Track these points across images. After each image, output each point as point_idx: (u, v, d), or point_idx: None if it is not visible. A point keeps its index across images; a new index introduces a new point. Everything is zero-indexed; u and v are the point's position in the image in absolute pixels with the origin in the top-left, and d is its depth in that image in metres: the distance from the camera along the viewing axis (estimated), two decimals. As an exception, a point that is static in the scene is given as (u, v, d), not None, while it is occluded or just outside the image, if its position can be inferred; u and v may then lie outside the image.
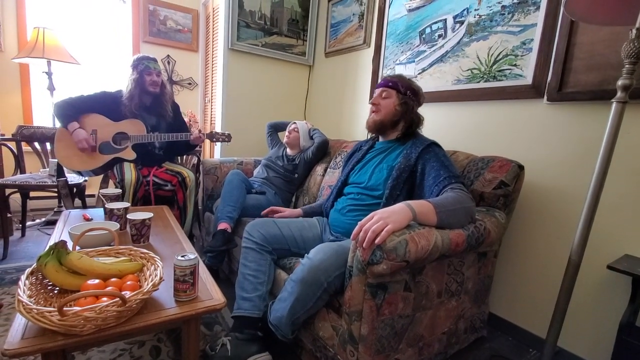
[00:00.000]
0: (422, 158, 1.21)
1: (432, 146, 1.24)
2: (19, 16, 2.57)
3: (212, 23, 3.00)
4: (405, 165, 1.22)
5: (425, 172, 1.18)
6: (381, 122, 1.34)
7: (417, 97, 1.35)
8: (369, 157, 1.40)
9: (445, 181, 1.10)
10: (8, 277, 1.71)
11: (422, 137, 1.33)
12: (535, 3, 1.37)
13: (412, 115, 1.32)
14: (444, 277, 1.10)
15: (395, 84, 1.33)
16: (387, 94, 1.33)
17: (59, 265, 0.81)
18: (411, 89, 1.33)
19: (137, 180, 1.83)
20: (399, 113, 1.31)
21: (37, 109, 2.74)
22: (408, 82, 1.35)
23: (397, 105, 1.31)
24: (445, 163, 1.17)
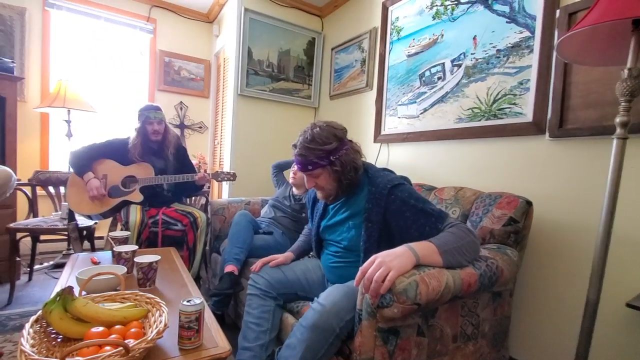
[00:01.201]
0: (389, 212, 1.07)
1: (394, 192, 1.08)
2: (42, 69, 2.77)
3: (222, 71, 3.18)
4: (372, 224, 1.10)
5: (402, 225, 1.05)
6: (331, 196, 1.20)
7: (340, 147, 1.13)
8: (331, 210, 1.28)
9: (433, 230, 1.01)
10: (11, 323, 1.68)
11: (376, 178, 1.14)
12: (528, 47, 1.44)
13: (350, 170, 1.14)
14: (459, 319, 1.06)
15: (313, 164, 1.13)
16: (316, 173, 1.15)
17: (64, 313, 0.80)
18: (330, 151, 1.12)
19: (141, 221, 1.85)
20: (337, 180, 1.15)
21: (54, 154, 2.85)
22: (321, 148, 1.11)
23: (330, 177, 1.15)
24: (419, 206, 1.04)
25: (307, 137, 1.14)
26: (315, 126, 1.16)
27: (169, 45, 3.26)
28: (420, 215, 1.03)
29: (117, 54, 3.11)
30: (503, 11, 1.54)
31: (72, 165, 1.93)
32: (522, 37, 1.46)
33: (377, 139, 2.26)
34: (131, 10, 3.06)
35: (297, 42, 2.85)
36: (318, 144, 1.12)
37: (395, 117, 2.14)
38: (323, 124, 1.16)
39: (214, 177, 2.04)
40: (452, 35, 1.78)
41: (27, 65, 2.68)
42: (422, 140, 1.95)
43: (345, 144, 1.16)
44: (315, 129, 1.14)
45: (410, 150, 2.06)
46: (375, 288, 0.83)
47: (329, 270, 1.28)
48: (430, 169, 1.92)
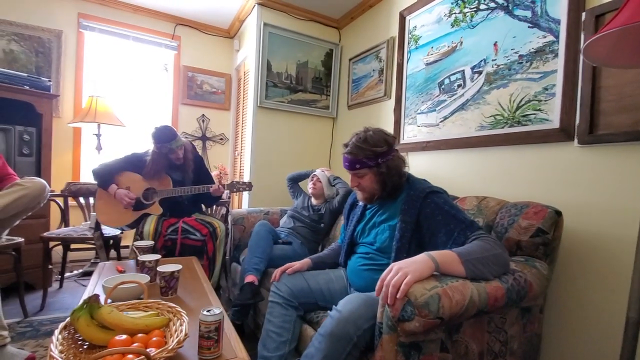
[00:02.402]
0: (423, 214, 1.11)
1: (430, 196, 1.13)
2: (76, 86, 2.94)
3: (243, 84, 3.26)
4: (406, 224, 1.13)
5: (433, 229, 1.08)
6: (371, 197, 1.25)
7: (389, 152, 1.20)
8: (368, 214, 1.33)
9: (462, 235, 1.01)
10: (43, 328, 1.75)
11: (416, 184, 1.21)
12: (553, 51, 1.39)
13: (394, 175, 1.20)
14: (485, 335, 1.01)
15: (361, 163, 1.19)
16: (361, 173, 1.21)
17: (91, 320, 0.82)
18: (380, 154, 1.18)
19: (155, 231, 1.89)
20: (381, 183, 1.21)
21: (85, 166, 2.99)
22: (372, 149, 1.18)
23: (375, 178, 1.20)
24: (452, 212, 1.07)
25: (360, 137, 1.21)
26: (368, 130, 1.23)
27: (192, 60, 3.38)
28: (451, 221, 1.05)
29: (143, 70, 3.26)
30: (525, 16, 1.51)
31: (96, 179, 2.01)
32: (545, 42, 1.42)
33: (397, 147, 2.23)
34: (157, 29, 3.21)
35: (315, 54, 2.89)
36: (369, 145, 1.18)
37: (414, 126, 2.12)
38: (376, 129, 1.24)
39: (229, 187, 2.03)
40: (472, 42, 1.75)
41: (62, 83, 2.85)
42: (443, 148, 1.91)
43: (393, 150, 1.23)
44: (368, 132, 1.21)
45: (430, 159, 2.02)
46: (392, 293, 0.82)
47: (356, 273, 1.27)
48: (451, 177, 1.87)
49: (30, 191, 1.60)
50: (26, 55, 2.73)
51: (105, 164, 2.04)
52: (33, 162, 2.32)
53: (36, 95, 2.29)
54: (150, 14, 3.15)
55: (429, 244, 1.09)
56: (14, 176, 1.79)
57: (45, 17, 2.78)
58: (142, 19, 3.14)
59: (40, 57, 2.77)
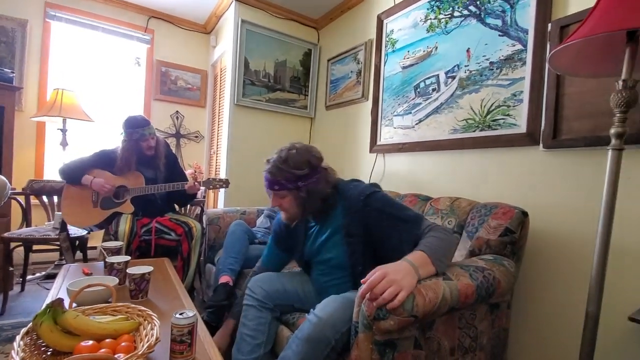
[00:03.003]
0: (368, 224, 1.09)
1: (368, 202, 1.09)
2: (41, 78, 2.77)
3: (219, 81, 3.20)
4: (353, 237, 1.11)
5: (383, 235, 1.07)
6: (296, 218, 1.20)
7: (311, 175, 1.13)
8: (311, 235, 1.26)
9: (411, 234, 1.03)
10: (4, 334, 1.65)
11: (348, 192, 1.15)
12: (521, 59, 1.46)
13: (317, 195, 1.14)
14: (456, 332, 1.04)
15: (280, 185, 1.13)
16: (282, 194, 1.15)
17: (54, 325, 0.78)
18: (300, 177, 1.12)
19: (130, 231, 1.82)
20: (303, 204, 1.15)
21: (48, 163, 2.83)
22: (291, 171, 1.11)
23: (296, 200, 1.14)
24: (396, 214, 1.07)
25: (281, 157, 1.14)
26: (292, 147, 1.16)
27: (166, 55, 3.28)
28: (398, 223, 1.06)
29: (114, 63, 3.13)
30: (495, 25, 1.57)
31: (65, 177, 1.90)
32: (514, 50, 1.49)
33: (373, 149, 2.27)
34: (129, 21, 3.09)
35: (293, 53, 2.88)
36: (289, 166, 1.12)
37: (390, 128, 2.15)
38: (301, 148, 1.16)
39: (205, 184, 1.97)
40: (446, 48, 1.80)
41: (25, 74, 2.69)
42: (418, 150, 1.96)
43: (317, 172, 1.15)
44: (291, 151, 1.14)
45: (406, 161, 2.07)
46: (380, 303, 0.81)
47: (322, 290, 1.24)
48: (426, 179, 1.92)
49: (-12, 189, 1.50)
50: (-15, 44, 2.55)
51: (72, 162, 1.93)
52: (-9, 158, 2.17)
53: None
54: (122, 5, 3.03)
55: (381, 249, 1.08)
56: (-31, 173, 1.67)
57: (8, 5, 2.61)
58: (113, 10, 3.01)
59: (2, 47, 2.59)
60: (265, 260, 1.43)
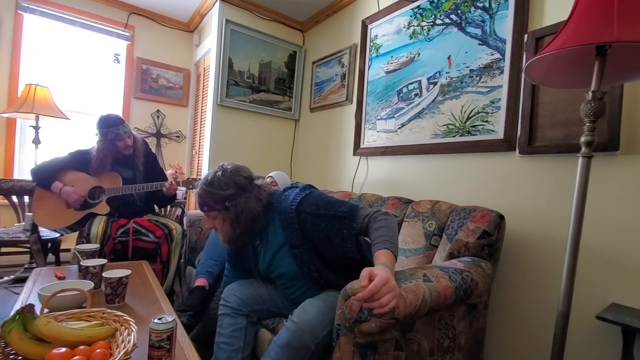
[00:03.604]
0: (307, 231, 1.09)
1: (300, 210, 1.10)
2: (12, 73, 2.65)
3: (202, 81, 3.15)
4: (297, 248, 1.11)
5: (322, 237, 1.08)
6: (232, 239, 1.18)
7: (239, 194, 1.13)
8: (260, 253, 1.25)
9: (350, 229, 1.04)
10: (-37, 345, 1.55)
11: (282, 204, 1.16)
12: (499, 68, 1.51)
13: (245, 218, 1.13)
14: (435, 332, 1.07)
15: (209, 207, 1.13)
16: (213, 215, 1.15)
17: (24, 332, 0.74)
18: (226, 198, 1.11)
19: (103, 233, 1.75)
20: (234, 224, 1.14)
21: (19, 161, 2.70)
22: (218, 194, 1.11)
23: (227, 221, 1.14)
24: (330, 213, 1.07)
25: (207, 179, 1.14)
26: (220, 169, 1.16)
27: (147, 52, 3.20)
28: (334, 222, 1.06)
29: (92, 59, 3.02)
30: (475, 34, 1.62)
31: (36, 179, 1.81)
32: (493, 59, 1.54)
33: (357, 152, 2.29)
34: (108, 17, 3.00)
35: (279, 55, 2.87)
36: (215, 188, 1.11)
37: (374, 131, 2.18)
38: (229, 169, 1.15)
39: (185, 184, 1.91)
40: (428, 55, 1.84)
41: (-7, 68, 2.56)
42: (400, 154, 1.99)
43: (246, 192, 1.14)
44: (218, 172, 1.14)
45: (388, 164, 2.10)
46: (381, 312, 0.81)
47: (293, 300, 1.22)
48: (408, 182, 1.96)
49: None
50: (-51, 35, 2.41)
51: (45, 163, 1.85)
52: (-45, 155, 2.06)
53: (-39, 80, 2.03)
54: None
55: (328, 250, 1.09)
56: None
57: (-26, -6, 2.48)
58: (91, 4, 2.91)
59: (-33, 38, 2.46)
60: (225, 284, 1.38)
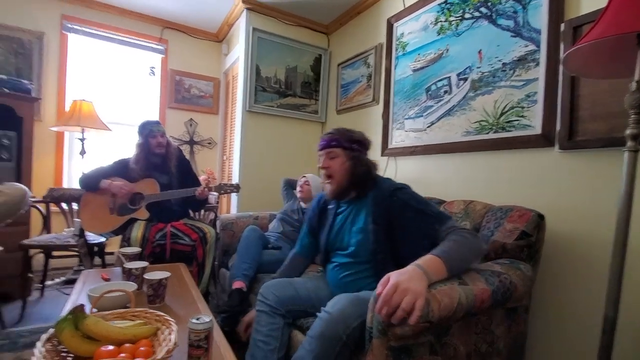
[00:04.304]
0: (391, 213, 1.13)
1: (396, 193, 1.15)
2: (59, 89, 2.87)
3: (231, 89, 3.25)
4: (378, 226, 1.14)
5: (403, 226, 1.10)
6: (339, 188, 1.25)
7: (363, 144, 1.28)
8: (339, 220, 1.31)
9: (432, 229, 1.04)
10: (22, 340, 1.69)
11: (382, 183, 1.24)
12: (534, 60, 1.44)
13: (363, 167, 1.24)
14: (472, 337, 1.03)
15: (338, 141, 1.25)
16: (333, 154, 1.25)
17: (75, 331, 0.80)
18: (354, 141, 1.26)
19: (142, 237, 1.85)
20: (350, 170, 1.23)
21: (67, 171, 2.92)
22: (349, 134, 1.27)
23: (345, 162, 1.23)
24: (419, 207, 1.10)
25: (341, 127, 1.32)
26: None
27: (179, 64, 3.35)
28: (421, 216, 1.08)
29: (130, 73, 3.21)
30: (507, 25, 1.56)
31: (84, 186, 1.95)
32: (527, 51, 1.47)
33: (385, 152, 2.26)
34: (144, 32, 3.17)
35: (304, 59, 2.90)
36: (349, 132, 1.28)
37: (402, 131, 2.15)
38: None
39: (217, 189, 2.01)
40: (457, 50, 1.79)
41: (43, 86, 2.78)
42: (430, 153, 1.95)
43: (366, 148, 1.30)
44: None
45: (418, 164, 2.05)
46: (400, 317, 0.79)
47: (338, 286, 1.26)
48: (439, 182, 1.91)
49: (10, 198, 1.55)
50: (4, 57, 2.64)
51: (91, 171, 1.99)
52: (13, 167, 2.25)
53: (16, 98, 2.23)
54: (136, 16, 3.11)
55: (402, 241, 1.11)
56: (-6, 182, 1.73)
57: (25, 18, 2.71)
58: (128, 22, 3.10)
59: (20, 59, 2.69)
60: (299, 247, 1.51)
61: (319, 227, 1.40)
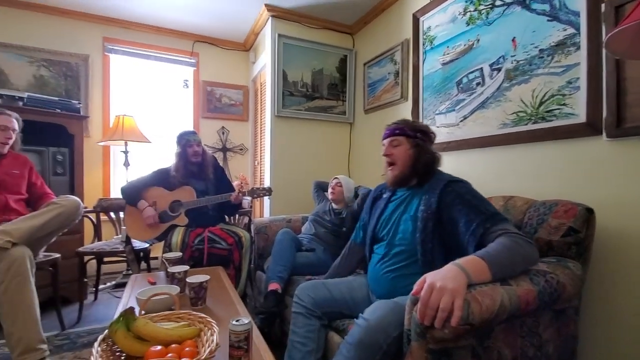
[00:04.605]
0: (443, 202, 1.11)
1: (451, 184, 1.14)
2: (103, 106, 3.09)
3: (260, 95, 3.33)
4: (427, 214, 1.12)
5: (454, 218, 1.08)
6: (401, 175, 1.26)
7: (427, 135, 1.29)
8: (391, 207, 1.32)
9: (481, 227, 1.00)
10: (80, 340, 1.83)
11: (440, 175, 1.23)
12: (574, 44, 1.35)
13: (427, 156, 1.25)
14: (518, 340, 0.98)
15: (402, 130, 1.27)
16: (396, 142, 1.27)
17: (127, 332, 0.86)
18: (419, 130, 1.28)
19: (182, 242, 1.95)
20: (413, 157, 1.24)
21: (114, 182, 3.13)
22: (414, 124, 1.30)
23: (409, 150, 1.25)
24: (473, 202, 1.06)
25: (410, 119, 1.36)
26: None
27: (210, 75, 3.49)
28: (472, 211, 1.04)
29: (165, 87, 3.39)
30: (543, 10, 1.47)
31: (125, 198, 2.10)
32: (566, 35, 1.38)
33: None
34: (177, 47, 3.33)
35: (330, 61, 2.91)
36: (413, 121, 1.32)
37: (433, 127, 2.05)
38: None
39: (249, 194, 2.08)
40: (489, 39, 1.72)
41: (90, 104, 3.01)
42: (464, 148, 1.88)
43: (430, 140, 1.30)
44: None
45: (452, 160, 1.98)
46: (442, 318, 0.77)
47: (377, 280, 1.25)
48: (474, 177, 1.81)
49: (66, 209, 1.69)
50: (55, 80, 2.89)
51: (133, 182, 2.14)
52: (67, 180, 2.45)
53: (67, 117, 2.42)
54: (170, 33, 3.28)
55: (450, 235, 1.09)
56: (51, 195, 1.90)
57: (72, 43, 2.95)
58: (162, 39, 3.27)
59: (69, 81, 2.93)
60: (354, 236, 1.55)
61: (369, 218, 1.42)
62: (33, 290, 1.48)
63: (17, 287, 1.42)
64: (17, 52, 2.76)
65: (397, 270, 1.19)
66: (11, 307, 1.40)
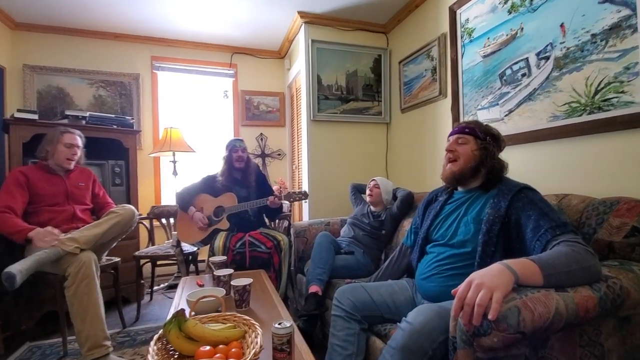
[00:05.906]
0: (514, 207, 1.06)
1: (525, 191, 1.09)
2: (153, 120, 3.32)
3: (295, 100, 3.39)
4: (495, 217, 1.08)
5: (522, 224, 1.03)
6: (460, 172, 1.22)
7: (497, 141, 1.23)
8: (448, 209, 1.28)
9: (548, 234, 0.95)
10: (139, 338, 1.98)
11: (511, 181, 1.18)
12: (630, 26, 1.22)
13: (494, 161, 1.19)
14: (577, 350, 0.90)
15: (472, 130, 1.23)
16: (463, 140, 1.23)
17: (179, 332, 0.92)
18: (490, 134, 1.23)
19: (224, 246, 2.03)
20: (478, 159, 1.19)
21: (164, 190, 3.36)
22: (486, 127, 1.25)
23: (475, 150, 1.20)
24: (545, 210, 1.01)
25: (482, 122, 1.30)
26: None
27: (247, 84, 3.62)
28: (542, 218, 0.99)
29: (207, 98, 3.58)
30: (594, -10, 1.35)
31: (178, 203, 2.27)
32: (621, 17, 1.25)
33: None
34: (216, 60, 3.50)
35: (363, 62, 2.90)
36: (486, 125, 1.27)
37: (475, 123, 1.99)
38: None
39: (286, 198, 2.12)
40: (534, 27, 1.61)
41: (141, 119, 3.26)
42: (510, 144, 1.76)
43: (499, 147, 1.24)
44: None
45: (496, 157, 1.88)
46: (478, 313, 0.74)
47: (426, 278, 1.21)
48: (524, 175, 1.70)
49: (123, 217, 1.85)
50: (112, 98, 3.17)
51: (185, 189, 2.30)
52: (124, 190, 2.67)
53: (123, 132, 2.64)
54: (209, 47, 3.46)
55: (516, 240, 1.04)
56: (112, 204, 2.09)
57: (125, 64, 3.22)
58: (203, 53, 3.46)
59: (123, 99, 3.20)
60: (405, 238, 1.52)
61: (422, 221, 1.39)
62: (99, 291, 1.63)
63: (85, 289, 1.58)
64: (79, 76, 3.07)
65: (450, 271, 1.15)
66: (81, 307, 1.56)
